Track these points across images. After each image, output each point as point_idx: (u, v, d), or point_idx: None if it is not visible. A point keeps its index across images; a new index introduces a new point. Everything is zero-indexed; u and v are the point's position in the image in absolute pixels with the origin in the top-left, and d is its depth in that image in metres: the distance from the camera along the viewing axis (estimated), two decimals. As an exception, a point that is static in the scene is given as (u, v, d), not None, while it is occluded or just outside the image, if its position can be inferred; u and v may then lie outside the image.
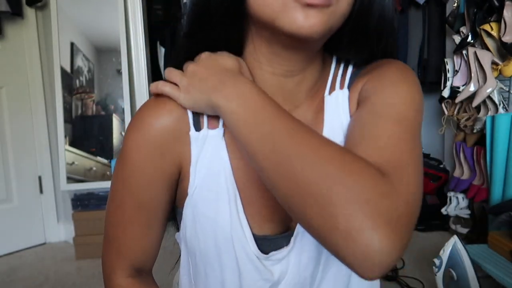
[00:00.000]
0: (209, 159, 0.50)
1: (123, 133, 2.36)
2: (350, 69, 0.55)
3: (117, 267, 0.55)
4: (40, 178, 2.57)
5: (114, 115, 2.36)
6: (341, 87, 0.53)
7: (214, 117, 0.51)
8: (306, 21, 0.41)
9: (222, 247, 0.51)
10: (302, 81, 0.51)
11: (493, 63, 1.97)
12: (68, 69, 2.35)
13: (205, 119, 0.51)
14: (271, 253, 0.51)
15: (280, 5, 0.42)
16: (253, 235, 0.51)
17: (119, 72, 2.35)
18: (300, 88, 0.52)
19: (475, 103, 2.01)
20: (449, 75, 2.28)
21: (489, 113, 1.99)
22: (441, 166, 2.78)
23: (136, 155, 0.50)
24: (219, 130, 0.51)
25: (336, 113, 0.51)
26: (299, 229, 0.50)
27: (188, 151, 0.51)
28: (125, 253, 0.55)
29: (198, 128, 0.51)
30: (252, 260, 0.51)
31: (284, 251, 0.51)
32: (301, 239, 0.50)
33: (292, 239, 0.51)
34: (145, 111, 0.51)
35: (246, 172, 0.50)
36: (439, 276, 1.49)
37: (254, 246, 0.50)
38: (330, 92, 0.53)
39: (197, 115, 0.51)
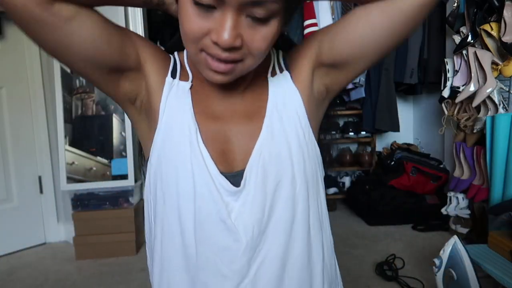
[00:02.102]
0: (175, 105, 0.57)
1: (123, 133, 2.36)
2: (280, 55, 0.64)
3: None
4: (40, 178, 2.57)
5: (114, 115, 2.36)
6: (280, 70, 0.62)
7: (186, 72, 0.59)
8: (217, 78, 0.52)
9: (181, 171, 0.55)
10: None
11: (493, 63, 1.97)
12: (68, 69, 2.35)
13: (178, 70, 0.59)
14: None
15: (195, 58, 0.52)
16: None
17: (119, 72, 2.35)
18: (248, 75, 0.58)
19: (475, 103, 2.01)
20: (449, 75, 2.28)
21: (489, 113, 1.99)
22: (441, 166, 2.78)
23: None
24: (188, 84, 0.58)
25: (280, 91, 0.60)
26: (247, 172, 0.56)
27: (159, 90, 0.57)
28: None
29: (173, 76, 0.59)
30: (209, 188, 0.55)
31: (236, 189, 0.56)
32: (249, 176, 0.56)
33: (243, 179, 0.56)
34: None
35: (206, 124, 0.57)
36: (439, 276, 1.49)
37: (219, 175, 0.55)
38: (272, 75, 0.61)
39: (175, 66, 0.59)
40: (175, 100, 0.57)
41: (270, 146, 0.56)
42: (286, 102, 0.59)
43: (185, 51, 0.62)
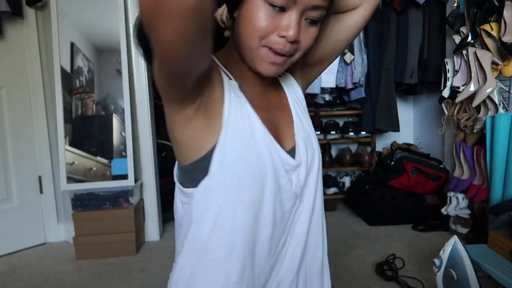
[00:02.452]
0: (235, 98, 0.64)
1: (123, 133, 2.36)
2: None
3: None
4: (40, 178, 2.57)
5: (114, 115, 2.36)
6: (283, 72, 0.75)
7: (229, 73, 0.68)
8: (270, 70, 0.65)
9: (258, 153, 0.63)
10: None
11: (493, 63, 1.97)
12: (68, 69, 2.35)
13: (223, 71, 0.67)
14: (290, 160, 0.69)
15: (255, 53, 0.63)
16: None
17: (119, 72, 2.35)
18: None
19: (475, 103, 2.01)
20: (449, 75, 2.28)
21: (489, 113, 1.99)
22: (441, 166, 2.78)
23: None
24: (235, 83, 0.66)
25: (291, 88, 0.77)
26: (297, 149, 0.70)
27: (220, 86, 0.63)
28: None
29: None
30: (280, 164, 0.66)
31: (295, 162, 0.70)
32: (299, 152, 0.71)
33: (297, 155, 0.70)
34: None
35: (260, 114, 0.66)
36: (439, 276, 1.49)
37: (285, 154, 0.67)
38: (280, 75, 0.76)
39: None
40: (234, 95, 0.65)
41: (302, 128, 0.73)
42: (298, 97, 0.77)
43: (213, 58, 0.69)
